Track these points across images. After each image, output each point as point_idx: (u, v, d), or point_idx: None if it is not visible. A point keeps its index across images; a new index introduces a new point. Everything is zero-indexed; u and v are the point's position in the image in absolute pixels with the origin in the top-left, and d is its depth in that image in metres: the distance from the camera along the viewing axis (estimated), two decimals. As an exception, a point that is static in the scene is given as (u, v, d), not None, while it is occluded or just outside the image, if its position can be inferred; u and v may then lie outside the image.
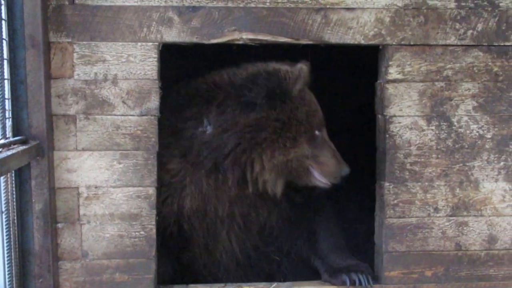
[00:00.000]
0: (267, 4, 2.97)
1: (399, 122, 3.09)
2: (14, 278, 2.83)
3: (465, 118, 3.12)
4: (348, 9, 3.01)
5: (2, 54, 2.70)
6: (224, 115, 3.07)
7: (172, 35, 2.97)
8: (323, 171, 3.16)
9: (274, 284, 3.21)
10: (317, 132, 3.17)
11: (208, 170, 3.12)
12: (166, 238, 3.20)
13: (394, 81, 3.07)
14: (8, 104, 2.79)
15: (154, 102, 2.99)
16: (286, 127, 3.06)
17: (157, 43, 2.96)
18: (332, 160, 3.20)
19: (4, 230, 2.77)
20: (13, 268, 2.82)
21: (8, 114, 2.79)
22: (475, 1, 3.05)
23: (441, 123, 3.11)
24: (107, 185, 3.01)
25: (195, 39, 2.98)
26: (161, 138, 3.05)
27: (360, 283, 3.12)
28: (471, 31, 3.07)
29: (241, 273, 3.43)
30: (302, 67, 3.11)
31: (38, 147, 2.83)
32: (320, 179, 3.17)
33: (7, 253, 2.78)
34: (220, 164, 3.09)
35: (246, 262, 3.44)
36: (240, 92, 3.06)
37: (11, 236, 2.80)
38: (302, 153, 3.10)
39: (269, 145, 3.04)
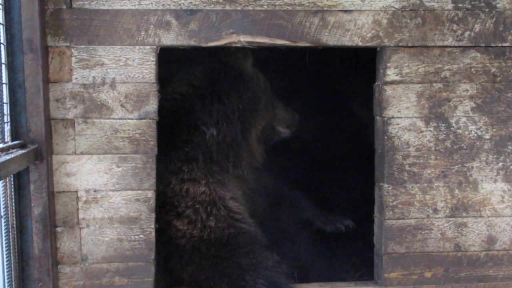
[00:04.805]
0: (265, 6, 2.98)
1: (398, 124, 3.09)
2: (13, 282, 2.82)
3: (464, 119, 3.12)
4: (345, 11, 3.02)
5: (0, 58, 2.70)
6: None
7: (170, 39, 2.97)
8: (283, 124, 3.82)
9: None
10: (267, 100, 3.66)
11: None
12: None
13: (392, 82, 3.07)
14: (6, 108, 2.79)
15: (152, 105, 2.99)
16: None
17: (155, 47, 2.97)
18: (288, 114, 3.84)
19: (3, 235, 2.77)
20: (13, 272, 2.82)
21: (6, 118, 2.79)
22: (472, 2, 3.06)
23: (440, 124, 3.11)
24: (106, 188, 3.01)
25: (193, 42, 2.98)
26: None
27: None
28: (468, 32, 3.08)
29: None
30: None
31: (37, 151, 2.83)
32: (284, 132, 3.83)
33: (7, 257, 2.77)
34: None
35: None
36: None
37: (10, 240, 2.80)
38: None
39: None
